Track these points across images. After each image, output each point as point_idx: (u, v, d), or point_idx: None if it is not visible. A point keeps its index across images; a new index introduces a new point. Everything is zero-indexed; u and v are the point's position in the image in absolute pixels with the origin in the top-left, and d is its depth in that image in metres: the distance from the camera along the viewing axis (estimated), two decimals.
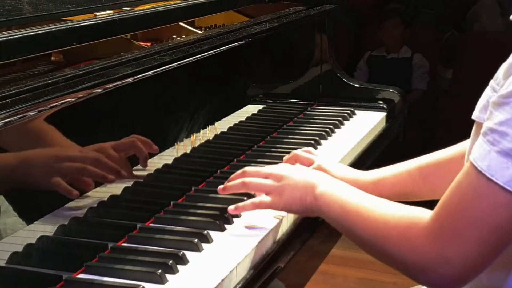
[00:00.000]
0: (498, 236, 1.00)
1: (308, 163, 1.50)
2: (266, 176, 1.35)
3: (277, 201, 1.32)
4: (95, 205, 1.30)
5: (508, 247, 1.03)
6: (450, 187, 1.06)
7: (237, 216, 1.38)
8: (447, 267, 1.03)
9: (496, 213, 0.99)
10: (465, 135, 1.31)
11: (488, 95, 1.09)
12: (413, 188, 1.46)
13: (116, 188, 1.35)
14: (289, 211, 1.36)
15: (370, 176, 1.48)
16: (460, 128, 1.44)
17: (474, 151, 1.02)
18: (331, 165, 1.49)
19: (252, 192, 1.40)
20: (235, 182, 1.37)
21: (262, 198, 1.33)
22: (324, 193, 1.26)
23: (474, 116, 1.13)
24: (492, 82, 1.09)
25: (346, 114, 2.11)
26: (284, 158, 1.56)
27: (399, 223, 1.11)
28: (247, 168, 1.40)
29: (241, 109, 1.84)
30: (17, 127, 1.09)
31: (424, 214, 1.09)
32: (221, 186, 1.39)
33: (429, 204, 1.15)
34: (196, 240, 1.26)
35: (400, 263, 1.11)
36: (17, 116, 1.07)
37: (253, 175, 1.37)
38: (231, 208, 1.34)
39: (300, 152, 1.54)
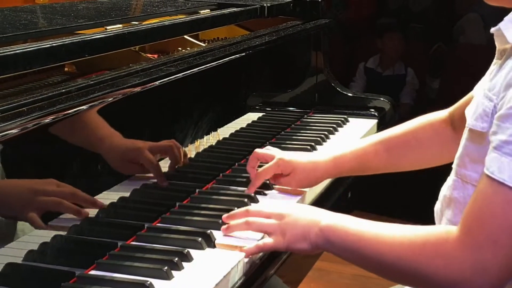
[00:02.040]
0: None
1: (268, 158, 1.51)
2: (268, 216, 1.27)
3: (280, 241, 1.23)
4: (106, 206, 1.30)
5: None
6: (474, 199, 1.03)
7: None
8: (484, 276, 1.00)
9: None
10: None
11: (484, 104, 1.06)
12: (374, 161, 1.48)
13: (125, 190, 1.35)
14: (293, 250, 1.26)
15: (328, 155, 1.51)
16: None
17: (490, 165, 1.00)
18: (290, 155, 1.51)
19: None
20: (238, 221, 1.29)
21: (265, 240, 1.25)
22: (331, 225, 1.18)
23: (470, 124, 1.10)
24: (488, 93, 1.06)
25: (340, 121, 2.11)
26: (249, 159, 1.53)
27: (427, 241, 1.06)
28: (250, 208, 1.32)
29: (242, 117, 1.84)
30: (31, 132, 1.09)
31: (450, 229, 1.05)
32: (224, 227, 1.31)
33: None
34: (200, 239, 1.26)
35: (434, 281, 1.06)
36: (33, 123, 1.08)
37: (255, 214, 1.29)
38: (242, 253, 1.24)
39: (259, 150, 1.54)
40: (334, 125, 2.05)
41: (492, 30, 1.10)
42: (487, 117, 1.04)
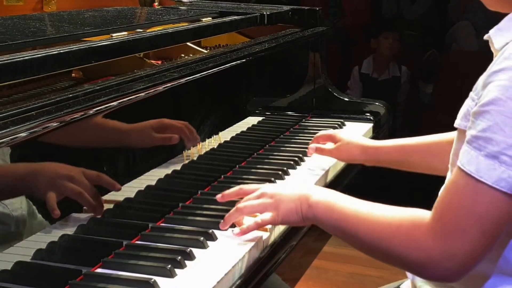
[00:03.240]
0: (497, 227, 1.00)
1: (329, 136, 1.71)
2: (257, 197, 1.30)
3: (275, 216, 1.27)
4: (111, 207, 1.30)
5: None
6: (447, 188, 1.05)
7: None
8: (452, 261, 1.03)
9: (495, 207, 0.99)
10: None
11: (468, 104, 1.09)
12: (410, 158, 1.53)
13: (130, 192, 1.35)
14: (287, 223, 1.31)
15: (374, 142, 1.63)
16: None
17: (462, 157, 1.02)
18: (344, 133, 1.71)
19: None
20: (231, 212, 1.31)
21: (262, 216, 1.28)
22: (319, 201, 1.22)
23: (456, 124, 1.13)
24: (471, 93, 1.09)
25: (337, 125, 2.11)
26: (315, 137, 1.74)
27: (402, 224, 1.09)
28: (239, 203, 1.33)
29: (243, 121, 1.84)
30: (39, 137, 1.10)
31: (424, 214, 1.08)
32: (222, 222, 1.32)
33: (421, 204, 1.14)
34: (202, 238, 1.26)
35: (405, 261, 1.09)
36: (41, 127, 1.08)
37: (245, 199, 1.31)
38: (237, 232, 1.29)
39: (322, 132, 1.75)
40: (331, 129, 2.05)
41: (485, 37, 1.12)
42: (470, 116, 1.06)
